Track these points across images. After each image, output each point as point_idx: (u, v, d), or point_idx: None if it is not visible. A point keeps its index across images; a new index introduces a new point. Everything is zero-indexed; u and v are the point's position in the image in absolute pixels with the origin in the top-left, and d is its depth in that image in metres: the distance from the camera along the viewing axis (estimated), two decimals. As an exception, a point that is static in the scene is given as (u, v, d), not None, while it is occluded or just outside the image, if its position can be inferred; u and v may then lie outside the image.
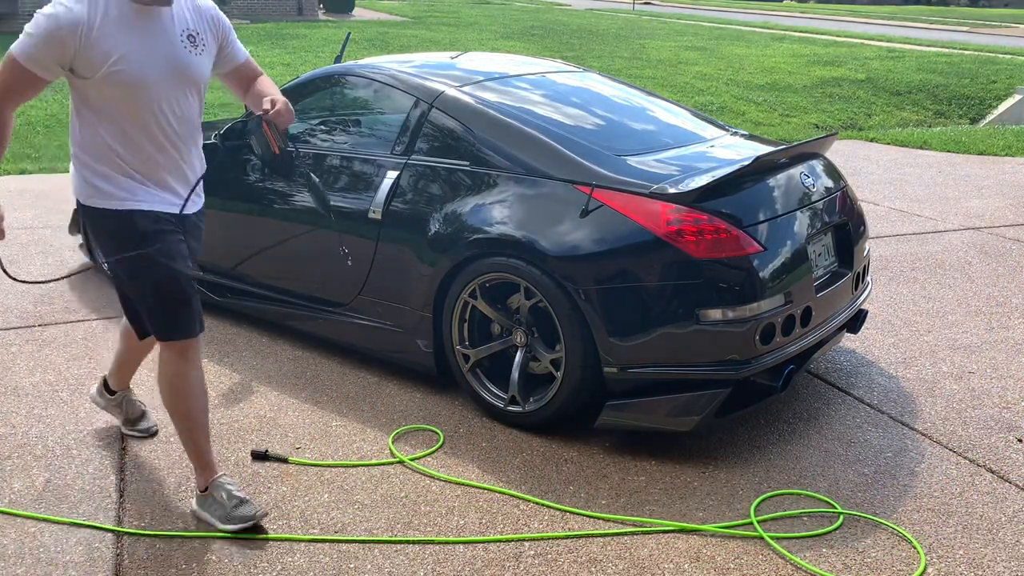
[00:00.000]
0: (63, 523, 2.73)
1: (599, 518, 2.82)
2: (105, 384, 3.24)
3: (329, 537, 2.69)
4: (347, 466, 3.09)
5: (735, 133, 3.99)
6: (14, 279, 2.60)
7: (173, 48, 2.53)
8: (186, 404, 2.70)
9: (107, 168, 2.54)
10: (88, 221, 2.63)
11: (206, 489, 2.75)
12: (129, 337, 3.04)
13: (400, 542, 2.67)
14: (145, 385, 3.67)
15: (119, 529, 2.70)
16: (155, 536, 2.68)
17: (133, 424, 3.26)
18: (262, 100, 2.64)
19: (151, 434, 3.26)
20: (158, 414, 3.41)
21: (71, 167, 2.61)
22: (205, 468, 2.76)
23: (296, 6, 22.14)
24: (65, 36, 2.36)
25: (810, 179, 3.48)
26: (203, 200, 2.81)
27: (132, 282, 2.61)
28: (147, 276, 2.57)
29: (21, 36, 2.41)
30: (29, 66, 2.40)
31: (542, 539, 2.70)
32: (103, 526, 2.72)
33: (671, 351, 3.03)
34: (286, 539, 2.67)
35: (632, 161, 3.32)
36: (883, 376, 3.86)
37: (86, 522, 2.73)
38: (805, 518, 2.83)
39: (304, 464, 3.10)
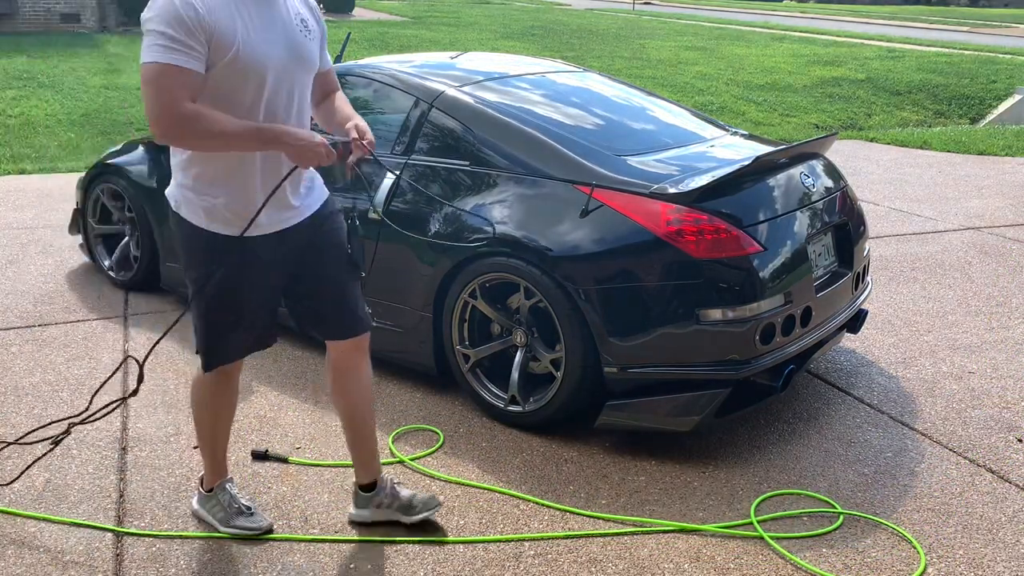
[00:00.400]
0: (63, 523, 2.73)
1: (599, 518, 2.82)
2: (359, 487, 2.74)
3: (329, 537, 2.69)
4: (347, 466, 3.09)
5: (735, 133, 3.99)
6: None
7: (291, 29, 2.32)
8: (215, 418, 2.64)
9: (211, 178, 2.30)
10: (173, 223, 2.41)
11: (211, 489, 2.73)
12: (352, 415, 2.64)
13: (400, 542, 2.67)
14: (150, 388, 3.68)
15: (119, 529, 2.70)
16: (155, 536, 2.68)
17: (410, 510, 2.71)
18: (347, 127, 2.40)
19: (432, 508, 2.72)
20: (165, 415, 3.41)
21: (173, 166, 2.39)
22: (216, 471, 2.73)
23: (296, 6, 22.09)
24: (202, 16, 2.11)
25: (810, 179, 3.48)
26: (322, 201, 2.51)
27: (194, 299, 2.41)
28: (206, 299, 2.39)
29: (149, 39, 2.11)
30: (186, 63, 2.11)
31: (542, 539, 2.70)
32: (103, 526, 2.72)
33: (671, 351, 3.03)
34: (286, 539, 2.67)
35: (632, 161, 3.32)
36: (883, 376, 3.86)
37: (86, 522, 2.73)
38: (805, 518, 2.83)
39: (304, 464, 3.10)
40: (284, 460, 3.11)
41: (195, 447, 3.18)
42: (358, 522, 2.74)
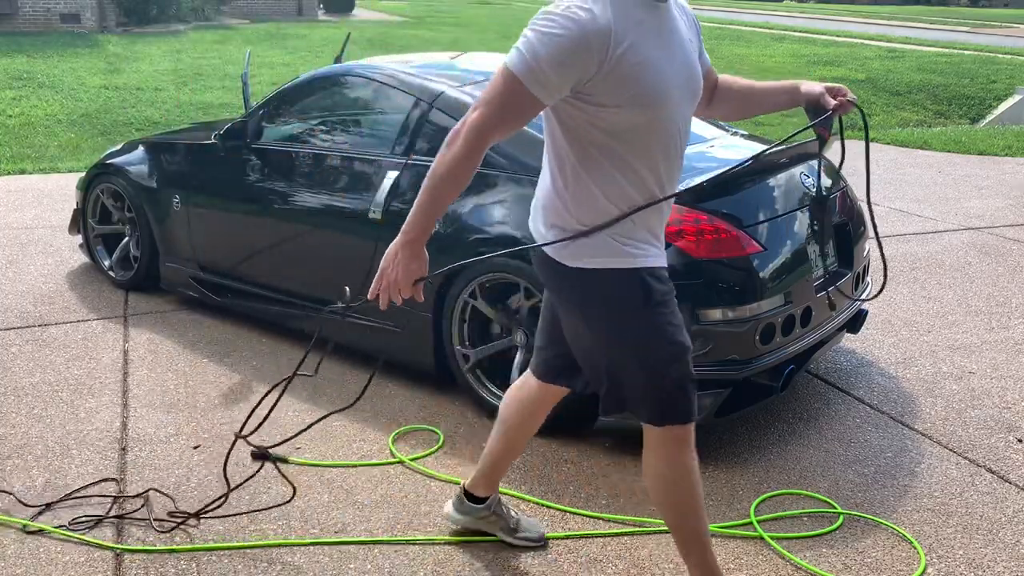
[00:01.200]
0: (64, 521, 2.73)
1: (599, 518, 2.82)
2: (467, 494, 2.64)
3: (329, 538, 2.69)
4: (347, 466, 3.09)
5: (735, 133, 3.99)
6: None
7: (686, 53, 2.01)
8: (689, 498, 2.19)
9: (625, 198, 2.02)
10: (569, 284, 2.10)
11: None
12: (509, 432, 2.51)
13: (400, 542, 2.67)
14: (150, 388, 3.68)
15: (118, 547, 2.70)
16: (154, 551, 2.68)
17: (515, 532, 2.66)
18: (814, 95, 2.26)
19: (542, 543, 2.67)
20: (165, 415, 3.41)
21: (539, 217, 2.12)
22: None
23: (296, 6, 22.14)
24: (594, 49, 1.82)
25: (810, 179, 3.48)
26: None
27: (629, 355, 2.10)
28: (654, 348, 2.08)
29: (521, 49, 1.84)
30: (536, 90, 1.84)
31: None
32: (101, 543, 2.72)
33: (671, 351, 3.02)
34: (286, 543, 2.67)
35: (632, 161, 3.32)
36: (883, 376, 3.86)
37: (89, 540, 2.73)
38: (805, 518, 2.83)
39: (304, 464, 3.10)
40: (284, 460, 3.11)
41: (195, 447, 3.18)
42: (454, 519, 2.67)
